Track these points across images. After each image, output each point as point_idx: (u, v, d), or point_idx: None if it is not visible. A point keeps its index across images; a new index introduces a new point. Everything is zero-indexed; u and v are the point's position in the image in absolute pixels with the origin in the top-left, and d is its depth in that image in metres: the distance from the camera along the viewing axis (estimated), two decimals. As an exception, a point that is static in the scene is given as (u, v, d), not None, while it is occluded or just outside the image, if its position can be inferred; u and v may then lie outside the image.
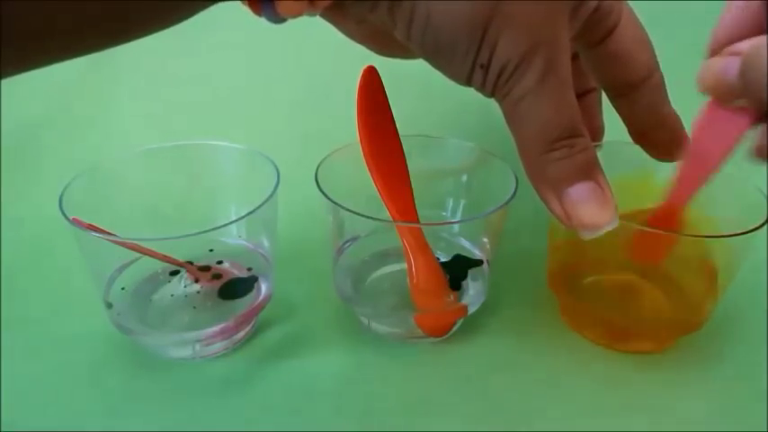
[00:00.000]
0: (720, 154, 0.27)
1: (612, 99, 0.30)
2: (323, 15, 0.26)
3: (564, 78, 0.23)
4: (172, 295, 0.33)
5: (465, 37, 0.23)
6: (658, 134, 0.30)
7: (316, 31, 0.29)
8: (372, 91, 0.32)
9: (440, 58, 0.24)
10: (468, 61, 0.23)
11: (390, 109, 0.32)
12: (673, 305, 0.34)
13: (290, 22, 0.24)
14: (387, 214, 0.32)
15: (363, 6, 0.24)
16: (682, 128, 0.30)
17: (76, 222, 0.29)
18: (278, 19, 0.23)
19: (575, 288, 0.35)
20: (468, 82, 0.25)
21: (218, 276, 0.34)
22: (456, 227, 0.37)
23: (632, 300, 0.34)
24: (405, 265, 0.33)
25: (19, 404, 0.31)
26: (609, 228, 0.25)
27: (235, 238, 0.33)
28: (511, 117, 0.24)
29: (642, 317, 0.33)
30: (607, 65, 0.28)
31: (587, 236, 0.25)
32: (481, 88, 0.24)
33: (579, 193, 0.24)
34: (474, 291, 0.35)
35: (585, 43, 0.28)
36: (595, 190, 0.24)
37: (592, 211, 0.24)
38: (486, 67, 0.23)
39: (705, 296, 0.33)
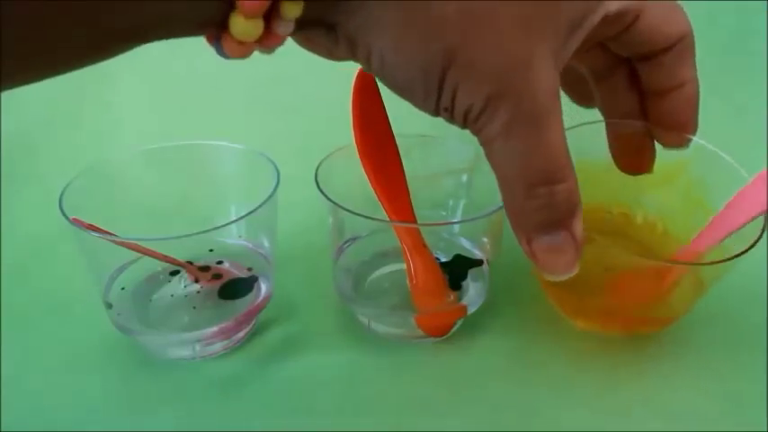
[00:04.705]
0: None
1: (635, 62, 0.29)
2: (297, 43, 0.25)
3: (540, 122, 0.22)
4: (172, 295, 0.34)
5: (421, 83, 0.22)
6: (675, 99, 0.29)
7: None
8: (367, 93, 0.32)
9: (403, 96, 0.24)
10: (431, 104, 0.23)
11: (385, 110, 0.32)
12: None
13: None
14: (386, 215, 0.32)
15: (328, 39, 0.23)
16: (697, 97, 0.29)
17: (76, 222, 0.29)
18: (228, 57, 0.23)
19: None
20: (435, 116, 0.24)
21: (218, 276, 0.34)
22: (456, 227, 0.37)
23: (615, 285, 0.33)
24: (404, 265, 0.33)
25: (19, 404, 0.31)
26: (566, 277, 0.25)
27: (235, 238, 0.33)
28: (486, 154, 0.24)
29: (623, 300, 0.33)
30: (634, 45, 0.27)
31: (547, 278, 0.26)
32: (452, 123, 0.24)
33: (548, 241, 0.24)
34: (474, 291, 0.35)
35: (608, 38, 0.27)
36: (564, 242, 0.24)
37: (556, 262, 0.25)
38: (450, 110, 0.23)
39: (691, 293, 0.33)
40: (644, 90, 0.30)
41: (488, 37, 0.21)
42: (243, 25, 0.20)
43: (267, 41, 0.22)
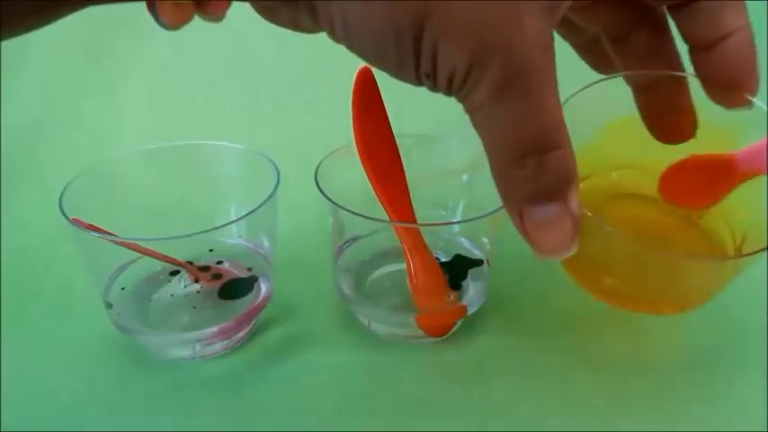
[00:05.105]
0: None
1: (669, 10, 0.25)
2: (261, 16, 0.23)
3: (533, 83, 0.20)
4: (172, 295, 0.33)
5: (394, 47, 0.20)
6: (722, 52, 0.24)
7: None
8: (367, 93, 0.32)
9: (378, 65, 0.21)
10: (410, 71, 0.20)
11: (385, 110, 0.32)
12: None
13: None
14: (386, 215, 0.32)
15: (287, 7, 0.21)
16: (751, 48, 0.25)
17: (76, 222, 0.29)
18: (166, 26, 0.20)
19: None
20: (419, 85, 0.22)
21: (218, 276, 0.34)
22: (456, 227, 0.37)
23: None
24: (404, 265, 0.33)
25: (19, 404, 0.31)
26: (563, 258, 0.23)
27: (235, 238, 0.33)
28: (473, 122, 0.21)
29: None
30: None
31: (541, 260, 0.23)
32: (436, 91, 0.21)
33: (541, 215, 0.21)
34: (474, 291, 0.35)
35: None
36: (559, 215, 0.21)
37: (550, 239, 0.22)
38: (432, 77, 0.20)
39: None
40: (688, 44, 0.26)
41: None
42: None
43: (209, 4, 0.20)
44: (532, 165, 0.21)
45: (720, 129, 0.28)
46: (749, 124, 0.27)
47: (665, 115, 0.28)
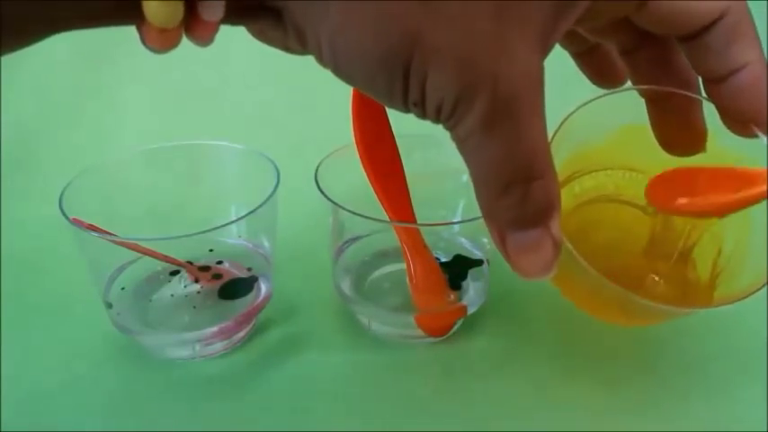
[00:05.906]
0: None
1: (678, 42, 0.25)
2: (254, 36, 0.23)
3: (520, 116, 0.20)
4: (172, 295, 0.34)
5: (382, 76, 0.20)
6: (733, 86, 0.24)
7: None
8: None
9: (366, 92, 0.21)
10: (398, 99, 0.20)
11: (385, 110, 0.32)
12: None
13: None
14: (386, 215, 0.32)
15: (277, 30, 0.21)
16: (763, 82, 0.24)
17: (76, 222, 0.29)
18: (152, 50, 0.20)
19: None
20: (407, 112, 0.22)
21: (218, 276, 0.34)
22: (456, 227, 0.37)
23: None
24: (404, 265, 0.33)
25: (19, 404, 0.31)
26: (542, 279, 0.23)
27: (235, 238, 0.33)
28: (460, 150, 0.22)
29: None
30: (656, 26, 0.24)
31: (522, 278, 0.23)
32: (424, 119, 0.22)
33: (522, 240, 0.22)
34: (474, 291, 0.35)
35: (623, 16, 0.24)
36: (540, 240, 0.22)
37: (529, 262, 0.22)
38: (421, 105, 0.20)
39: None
40: (699, 75, 0.26)
41: (456, 16, 0.19)
42: (156, 8, 0.18)
43: (196, 29, 0.20)
44: (517, 194, 0.21)
45: (730, 148, 0.28)
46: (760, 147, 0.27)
47: (676, 128, 0.28)
